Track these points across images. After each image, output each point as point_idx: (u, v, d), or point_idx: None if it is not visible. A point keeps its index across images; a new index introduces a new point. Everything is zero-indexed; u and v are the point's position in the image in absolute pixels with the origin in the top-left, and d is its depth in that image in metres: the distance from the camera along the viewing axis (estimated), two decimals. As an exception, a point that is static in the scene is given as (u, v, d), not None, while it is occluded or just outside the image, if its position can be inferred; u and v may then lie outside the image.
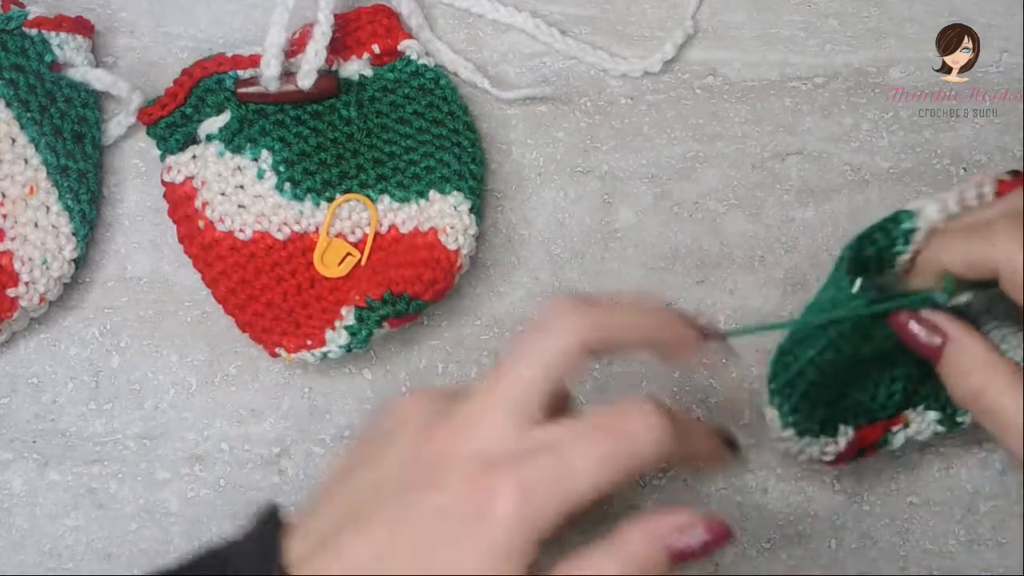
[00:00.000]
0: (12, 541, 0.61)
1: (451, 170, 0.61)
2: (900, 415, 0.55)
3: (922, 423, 0.55)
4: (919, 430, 0.55)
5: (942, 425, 0.55)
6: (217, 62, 0.62)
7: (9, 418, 0.62)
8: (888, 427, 0.55)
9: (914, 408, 0.55)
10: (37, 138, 0.60)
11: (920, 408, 0.55)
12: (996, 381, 0.48)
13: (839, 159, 0.64)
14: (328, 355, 0.59)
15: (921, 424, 0.55)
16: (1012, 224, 0.48)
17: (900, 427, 0.55)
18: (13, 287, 0.59)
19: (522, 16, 0.65)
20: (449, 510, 0.41)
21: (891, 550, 0.61)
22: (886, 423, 0.55)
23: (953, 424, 0.56)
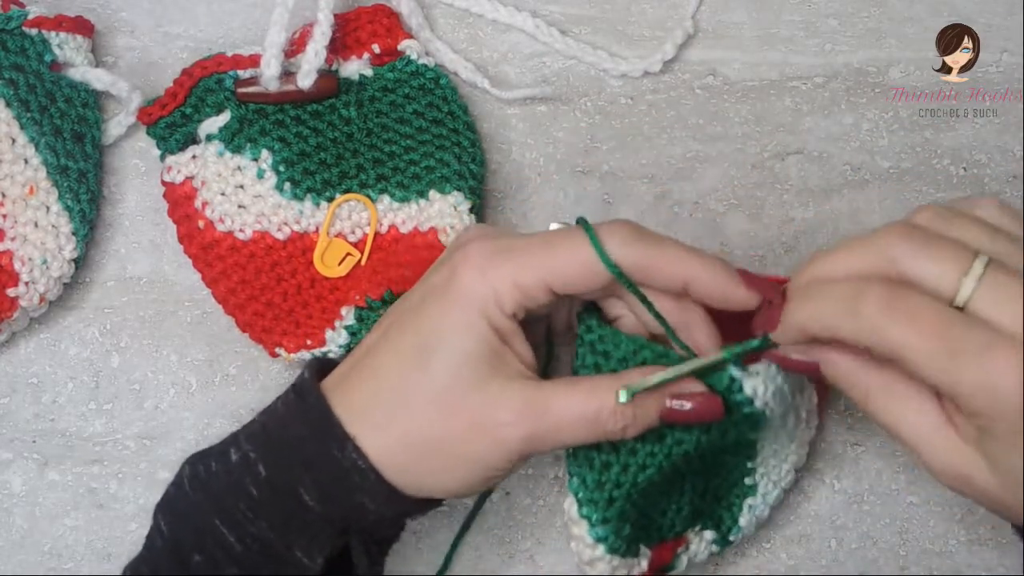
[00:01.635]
0: (12, 541, 0.61)
1: (451, 170, 0.61)
2: (683, 535, 0.54)
3: (699, 543, 0.55)
4: (696, 551, 0.55)
5: (716, 544, 0.55)
6: (217, 62, 0.62)
7: (9, 418, 0.62)
8: (675, 548, 0.54)
9: (693, 528, 0.55)
10: (37, 138, 0.60)
11: (698, 528, 0.55)
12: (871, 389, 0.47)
13: (839, 159, 0.64)
14: (328, 355, 0.59)
15: (699, 545, 0.55)
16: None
17: (683, 548, 0.54)
18: (13, 287, 0.59)
19: (522, 16, 0.65)
20: (436, 280, 0.49)
21: (891, 550, 0.61)
22: (674, 543, 0.54)
23: (726, 542, 0.56)
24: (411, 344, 0.49)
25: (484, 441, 0.48)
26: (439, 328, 0.48)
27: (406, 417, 0.48)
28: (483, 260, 0.48)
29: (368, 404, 0.48)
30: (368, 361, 0.50)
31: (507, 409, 0.47)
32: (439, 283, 0.49)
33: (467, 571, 0.61)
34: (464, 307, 0.48)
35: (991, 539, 0.61)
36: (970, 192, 0.64)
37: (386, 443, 0.48)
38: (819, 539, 0.61)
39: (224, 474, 0.49)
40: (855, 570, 0.61)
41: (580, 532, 0.50)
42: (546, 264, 0.48)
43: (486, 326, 0.48)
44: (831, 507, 0.61)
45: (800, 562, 0.61)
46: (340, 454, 0.48)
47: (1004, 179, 0.64)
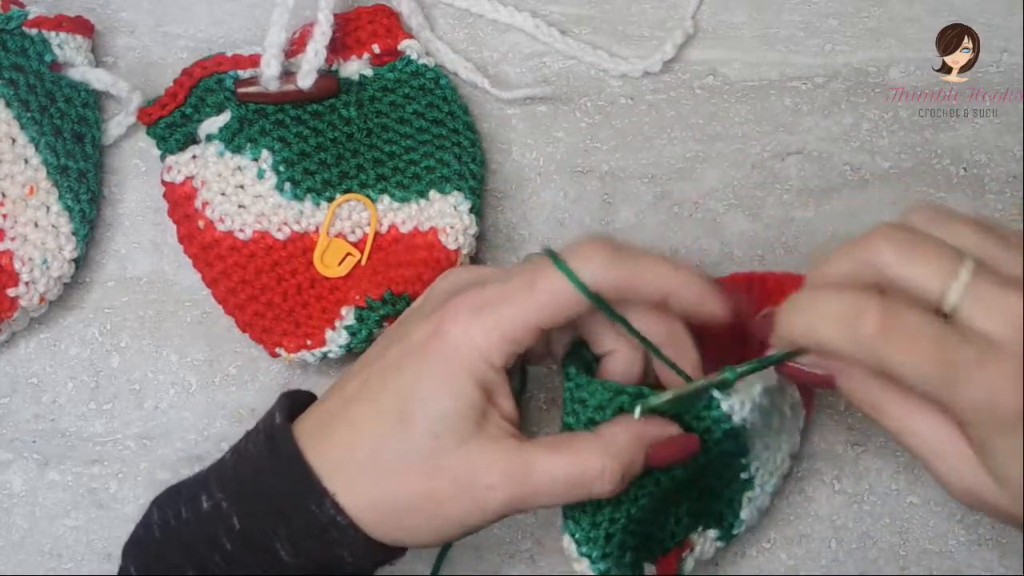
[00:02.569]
0: (12, 541, 0.61)
1: (451, 170, 0.61)
2: (686, 540, 0.54)
3: (704, 543, 0.55)
4: (702, 550, 0.55)
5: (721, 540, 0.55)
6: (217, 62, 0.62)
7: (9, 418, 0.62)
8: (680, 555, 0.54)
9: (696, 531, 0.55)
10: (37, 138, 0.60)
11: (700, 529, 0.54)
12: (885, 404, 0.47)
13: (839, 159, 0.64)
14: (328, 355, 0.59)
15: (704, 545, 0.55)
16: None
17: (688, 552, 0.54)
18: (13, 287, 0.59)
19: (522, 16, 0.65)
20: (418, 337, 0.48)
21: (891, 550, 0.61)
22: (677, 551, 0.54)
23: (730, 536, 0.55)
24: (391, 406, 0.48)
25: (466, 503, 0.47)
26: (420, 391, 0.47)
27: (386, 479, 0.47)
28: (468, 317, 0.48)
29: (346, 462, 0.48)
30: (346, 416, 0.49)
31: (490, 473, 0.47)
32: (421, 341, 0.48)
33: (467, 571, 0.61)
34: (449, 368, 0.47)
35: (991, 539, 0.61)
36: (970, 192, 0.64)
37: (365, 502, 0.47)
38: (819, 539, 0.61)
39: (195, 522, 0.49)
40: (855, 570, 0.61)
41: (582, 568, 0.50)
42: (529, 308, 0.47)
43: (472, 385, 0.47)
44: (831, 507, 0.61)
45: (800, 562, 0.61)
46: (318, 509, 0.47)
47: (1004, 179, 0.64)
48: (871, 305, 0.43)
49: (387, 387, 0.49)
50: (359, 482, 0.48)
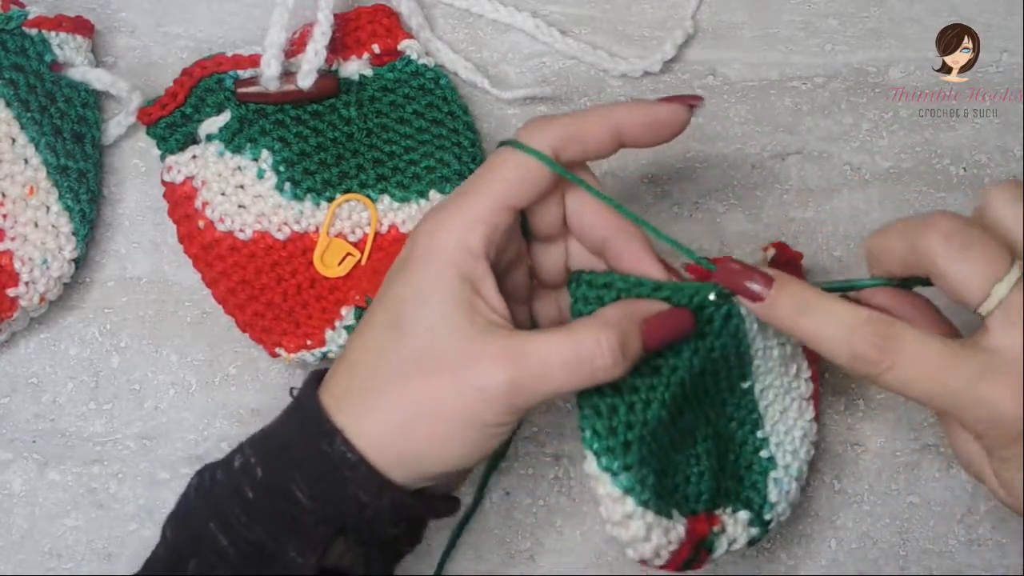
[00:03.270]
0: (12, 541, 0.61)
1: (451, 170, 0.61)
2: (715, 515, 0.53)
3: (736, 526, 0.53)
4: (735, 535, 0.53)
5: (754, 527, 0.54)
6: (217, 62, 0.62)
7: (9, 418, 0.62)
8: (710, 524, 0.53)
9: (724, 509, 0.54)
10: (37, 138, 0.60)
11: (729, 510, 0.54)
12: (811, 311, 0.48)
13: (839, 159, 0.64)
14: (328, 355, 0.59)
15: (736, 528, 0.53)
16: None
17: (719, 528, 0.53)
18: (13, 287, 0.59)
19: (522, 16, 0.65)
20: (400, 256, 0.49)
21: (891, 550, 0.61)
22: (707, 517, 0.53)
23: (763, 523, 0.54)
24: (382, 320, 0.48)
25: (467, 394, 0.46)
26: (406, 295, 0.48)
27: (387, 391, 0.47)
28: (432, 217, 0.49)
29: (347, 390, 0.48)
30: (347, 352, 0.49)
31: (485, 355, 0.46)
32: (400, 258, 0.49)
33: (467, 571, 0.61)
34: (430, 267, 0.47)
35: (991, 539, 0.61)
36: (970, 192, 0.64)
37: (371, 427, 0.47)
38: (819, 539, 0.61)
39: (225, 480, 0.49)
40: (855, 570, 0.61)
41: (605, 489, 0.49)
42: (493, 189, 0.48)
43: (454, 276, 0.47)
44: (831, 507, 0.61)
45: (800, 562, 0.61)
46: (329, 448, 0.47)
47: (1004, 179, 0.64)
48: (871, 328, 0.44)
49: (376, 309, 0.49)
50: (361, 408, 0.47)
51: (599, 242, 0.51)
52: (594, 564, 0.61)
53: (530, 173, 0.49)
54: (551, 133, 0.49)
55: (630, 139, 0.50)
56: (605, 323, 0.47)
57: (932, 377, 0.44)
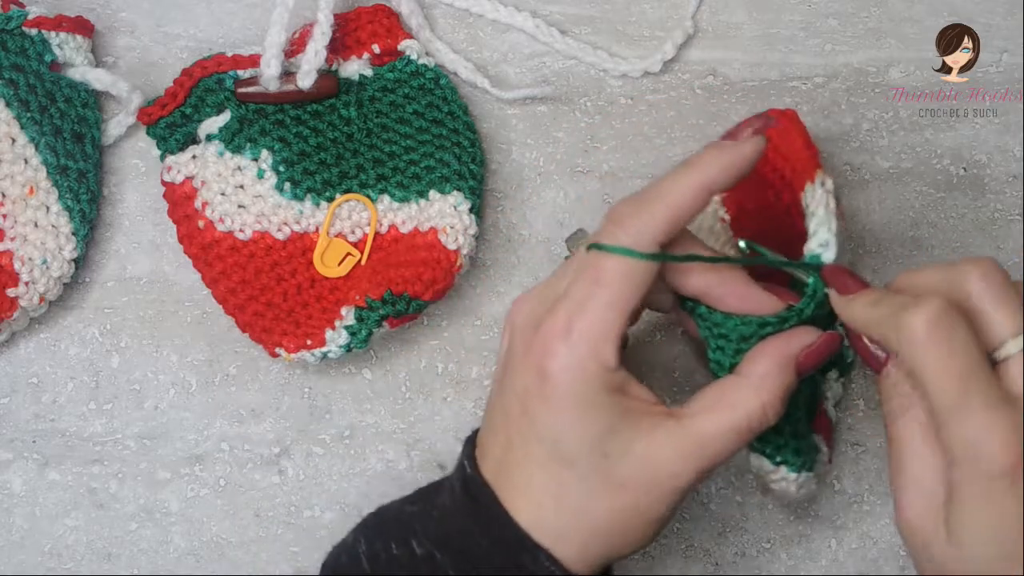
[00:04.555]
0: (12, 541, 0.61)
1: (451, 170, 0.61)
2: (821, 402, 0.56)
3: (833, 387, 0.57)
4: (834, 394, 0.57)
5: (843, 376, 0.57)
6: (217, 62, 0.62)
7: (9, 418, 0.62)
8: (823, 408, 0.56)
9: (822, 387, 0.56)
10: (37, 138, 0.60)
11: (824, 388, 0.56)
12: None
13: (839, 159, 0.64)
14: (328, 355, 0.59)
15: (834, 389, 0.57)
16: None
17: (827, 402, 0.56)
18: (13, 287, 0.59)
19: (522, 16, 0.65)
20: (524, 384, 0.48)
21: (891, 550, 0.61)
22: (820, 407, 0.56)
23: (845, 366, 0.57)
24: (544, 453, 0.47)
25: (660, 498, 0.47)
26: (562, 427, 0.47)
27: (582, 517, 0.47)
28: (563, 345, 0.47)
29: (540, 514, 0.47)
30: (516, 473, 0.48)
31: (668, 461, 0.47)
32: (532, 386, 0.47)
33: (467, 571, 0.61)
34: (575, 394, 0.46)
35: (991, 539, 0.61)
36: (970, 192, 0.64)
37: (574, 549, 0.47)
38: (819, 539, 0.61)
39: (408, 564, 0.48)
40: (855, 570, 0.61)
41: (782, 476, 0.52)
42: (609, 303, 0.47)
43: (605, 395, 0.47)
44: (831, 507, 0.61)
45: (800, 562, 0.61)
46: (532, 564, 0.47)
47: (1004, 179, 0.64)
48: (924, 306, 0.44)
49: (530, 440, 0.48)
50: (563, 534, 0.47)
51: (700, 295, 0.50)
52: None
53: (639, 273, 0.47)
54: (651, 227, 0.47)
55: (719, 189, 0.49)
56: (765, 386, 0.48)
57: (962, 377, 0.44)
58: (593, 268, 0.47)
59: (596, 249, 0.47)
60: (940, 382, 0.44)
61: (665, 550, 0.61)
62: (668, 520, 0.49)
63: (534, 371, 0.47)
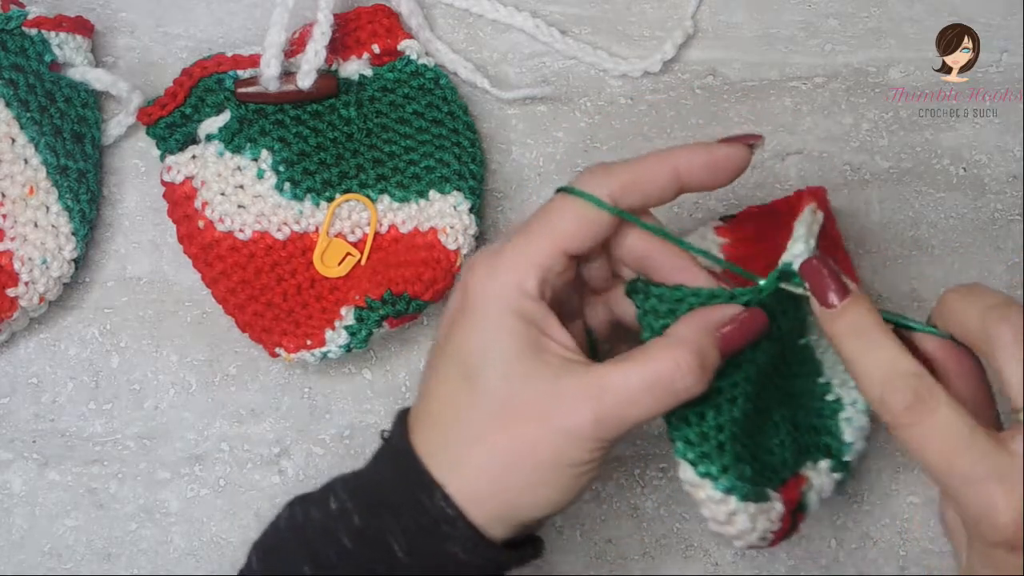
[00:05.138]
0: (12, 541, 0.61)
1: (451, 170, 0.61)
2: (801, 475, 0.53)
3: (820, 476, 0.53)
4: (822, 485, 0.53)
5: (837, 472, 0.54)
6: (217, 62, 0.62)
7: (9, 418, 0.62)
8: (799, 486, 0.53)
9: (806, 465, 0.53)
10: (37, 138, 0.60)
11: (810, 464, 0.53)
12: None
13: (839, 159, 0.64)
14: (328, 355, 0.59)
15: (820, 478, 0.53)
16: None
17: (807, 486, 0.53)
18: (13, 287, 0.59)
19: (522, 16, 0.65)
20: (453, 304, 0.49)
21: (891, 550, 0.61)
22: (795, 482, 0.53)
23: (844, 466, 0.54)
24: (455, 373, 0.48)
25: (556, 438, 0.46)
26: (472, 346, 0.47)
27: (476, 444, 0.47)
28: (487, 260, 0.48)
29: (440, 445, 0.47)
30: (425, 405, 0.49)
31: (566, 396, 0.46)
32: (457, 304, 0.49)
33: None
34: (487, 311, 0.47)
35: (991, 539, 0.61)
36: (970, 192, 0.64)
37: (466, 481, 0.47)
38: (819, 539, 0.61)
39: (321, 521, 0.48)
40: (855, 570, 0.61)
41: (706, 493, 0.49)
42: (548, 233, 0.48)
43: (516, 320, 0.47)
44: (831, 507, 0.61)
45: (800, 562, 0.61)
46: (429, 502, 0.46)
47: (1004, 179, 0.64)
48: (909, 384, 0.44)
49: (445, 360, 0.48)
50: (456, 463, 0.47)
51: (639, 259, 0.51)
52: (594, 564, 0.61)
53: (587, 220, 0.48)
54: (610, 180, 0.48)
55: (690, 183, 0.49)
56: (680, 342, 0.47)
57: (945, 455, 0.44)
58: (548, 205, 0.49)
59: (562, 192, 0.49)
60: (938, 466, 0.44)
61: (665, 550, 0.61)
62: (572, 483, 0.47)
63: (460, 288, 0.49)
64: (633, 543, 0.61)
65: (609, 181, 0.48)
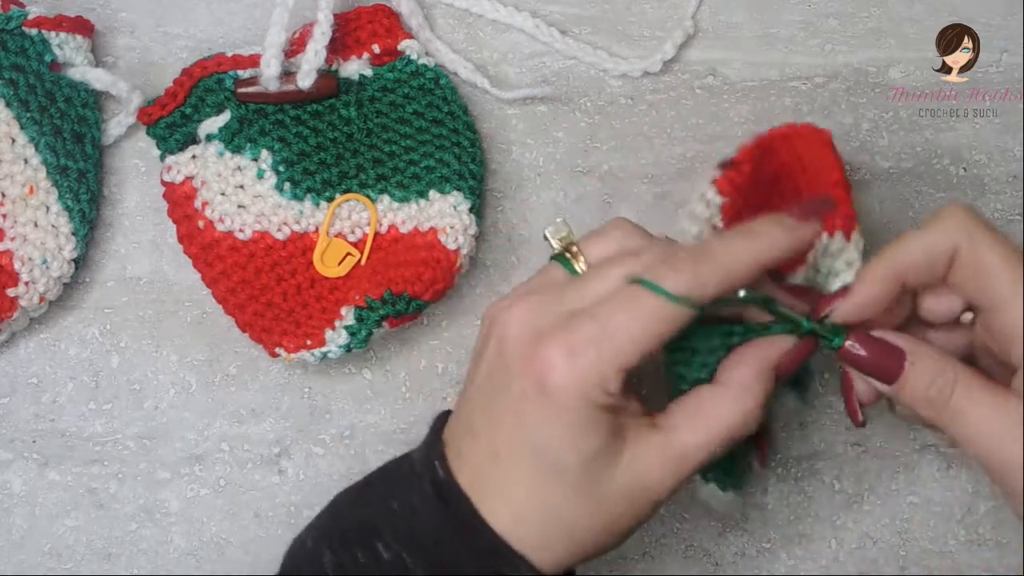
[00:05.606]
0: (12, 541, 0.61)
1: (451, 170, 0.61)
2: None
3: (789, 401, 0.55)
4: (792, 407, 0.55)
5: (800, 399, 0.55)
6: (217, 62, 0.62)
7: (9, 418, 0.62)
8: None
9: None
10: (37, 138, 0.60)
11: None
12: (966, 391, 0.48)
13: (839, 159, 0.64)
14: (328, 355, 0.59)
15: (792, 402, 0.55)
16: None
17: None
18: (13, 287, 0.59)
19: (522, 16, 0.65)
20: (520, 390, 0.46)
21: (891, 550, 0.61)
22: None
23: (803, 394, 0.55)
24: (536, 465, 0.46)
25: (640, 508, 0.47)
26: (557, 441, 0.46)
27: (563, 528, 0.47)
28: (569, 357, 0.45)
29: (522, 524, 0.47)
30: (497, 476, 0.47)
31: (651, 472, 0.47)
32: (532, 395, 0.46)
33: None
34: (575, 409, 0.45)
35: (991, 539, 0.61)
36: (970, 192, 0.64)
37: (553, 558, 0.47)
38: (819, 539, 0.61)
39: (376, 570, 0.47)
40: (855, 570, 0.61)
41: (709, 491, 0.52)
42: (635, 337, 0.45)
43: (602, 414, 0.46)
44: (831, 507, 0.61)
45: (800, 562, 0.61)
46: (511, 572, 0.46)
47: (1004, 179, 0.64)
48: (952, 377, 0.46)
49: (521, 451, 0.47)
50: (543, 544, 0.47)
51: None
52: (594, 564, 0.61)
53: (669, 320, 0.46)
54: (703, 287, 0.46)
55: (771, 268, 0.49)
56: (746, 392, 0.48)
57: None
58: (634, 301, 0.46)
59: (642, 285, 0.46)
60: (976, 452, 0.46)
61: (665, 550, 0.61)
62: (639, 527, 0.49)
63: (534, 382, 0.46)
64: (633, 543, 0.60)
65: (701, 287, 0.46)
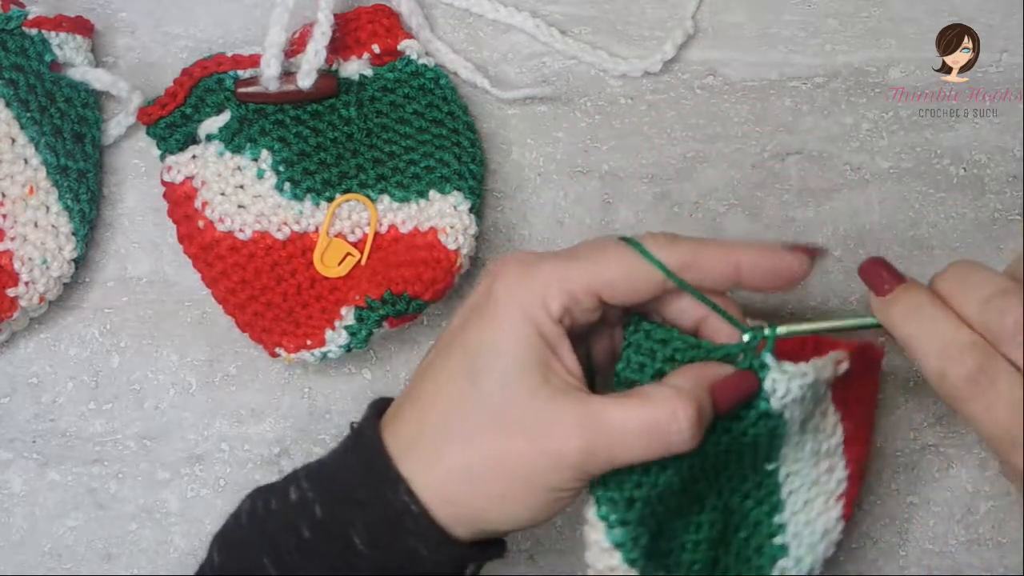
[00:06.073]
0: (12, 541, 0.61)
1: (451, 170, 0.61)
2: None
3: None
4: None
5: None
6: (217, 62, 0.62)
7: (9, 418, 0.62)
8: None
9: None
10: (37, 138, 0.60)
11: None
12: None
13: (839, 159, 0.64)
14: (328, 355, 0.59)
15: None
16: None
17: None
18: (13, 287, 0.59)
19: (522, 16, 0.65)
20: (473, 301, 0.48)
21: (891, 550, 0.61)
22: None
23: None
24: (458, 366, 0.47)
25: (540, 458, 0.46)
26: (484, 342, 0.47)
27: (458, 444, 0.46)
28: (522, 267, 0.47)
29: (416, 437, 0.47)
30: (416, 392, 0.48)
31: (562, 422, 0.45)
32: (479, 300, 0.48)
33: (467, 571, 0.61)
34: (508, 315, 0.47)
35: (991, 539, 0.61)
36: (970, 192, 0.64)
37: (438, 479, 0.46)
38: (819, 539, 0.61)
39: (281, 512, 0.48)
40: (855, 570, 0.61)
41: (597, 536, 0.48)
42: (591, 269, 0.47)
43: (533, 332, 0.46)
44: (831, 507, 0.61)
45: (800, 562, 0.61)
46: (392, 496, 0.46)
47: (1004, 179, 0.64)
48: (970, 355, 0.45)
49: (452, 352, 0.48)
50: (430, 458, 0.46)
51: (694, 323, 0.51)
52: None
53: (635, 276, 0.48)
54: (674, 250, 0.48)
55: (748, 282, 0.49)
56: (680, 392, 0.46)
57: (1009, 426, 0.44)
58: (603, 244, 0.48)
59: (623, 241, 0.48)
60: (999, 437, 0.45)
61: (665, 550, 0.61)
62: (544, 506, 0.47)
63: (486, 285, 0.48)
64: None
65: (673, 250, 0.48)
